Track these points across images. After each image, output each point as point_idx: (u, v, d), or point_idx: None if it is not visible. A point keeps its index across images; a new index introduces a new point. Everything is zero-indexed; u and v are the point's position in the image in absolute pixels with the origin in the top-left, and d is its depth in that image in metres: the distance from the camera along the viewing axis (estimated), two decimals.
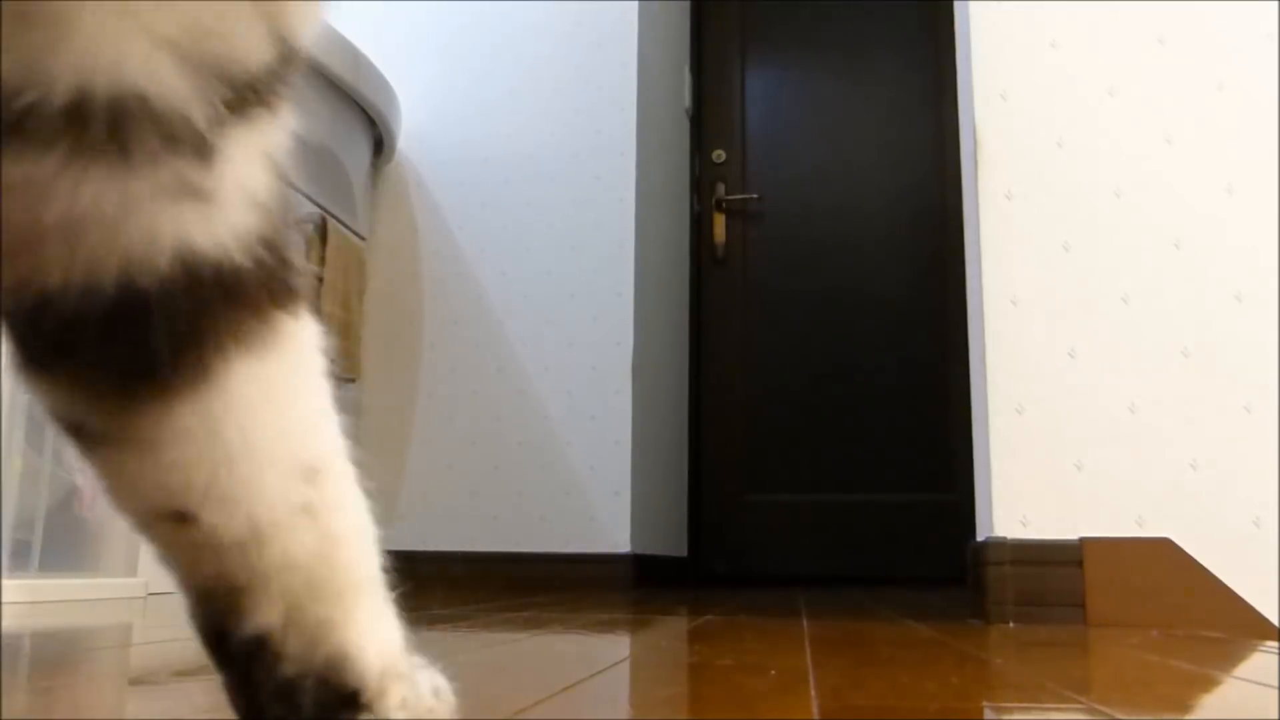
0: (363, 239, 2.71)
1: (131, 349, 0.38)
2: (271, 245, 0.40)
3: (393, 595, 0.46)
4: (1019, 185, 1.71)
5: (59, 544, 1.79)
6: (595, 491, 2.60)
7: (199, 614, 0.43)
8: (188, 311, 0.38)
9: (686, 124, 3.56)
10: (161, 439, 0.39)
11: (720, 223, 3.57)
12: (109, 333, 0.38)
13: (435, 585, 2.44)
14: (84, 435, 0.40)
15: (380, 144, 2.82)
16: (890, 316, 3.45)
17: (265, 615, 0.42)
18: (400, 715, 0.43)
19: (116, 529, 1.94)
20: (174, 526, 0.41)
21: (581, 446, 2.63)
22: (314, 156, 2.37)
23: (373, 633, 0.43)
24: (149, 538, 0.42)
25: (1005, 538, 1.59)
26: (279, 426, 0.41)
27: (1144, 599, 1.52)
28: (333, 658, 0.42)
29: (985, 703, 0.75)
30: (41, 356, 0.39)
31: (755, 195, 3.56)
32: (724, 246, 3.56)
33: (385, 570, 0.45)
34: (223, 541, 0.40)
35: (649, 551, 2.75)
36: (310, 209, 2.36)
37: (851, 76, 3.63)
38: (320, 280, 2.37)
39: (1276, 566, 1.51)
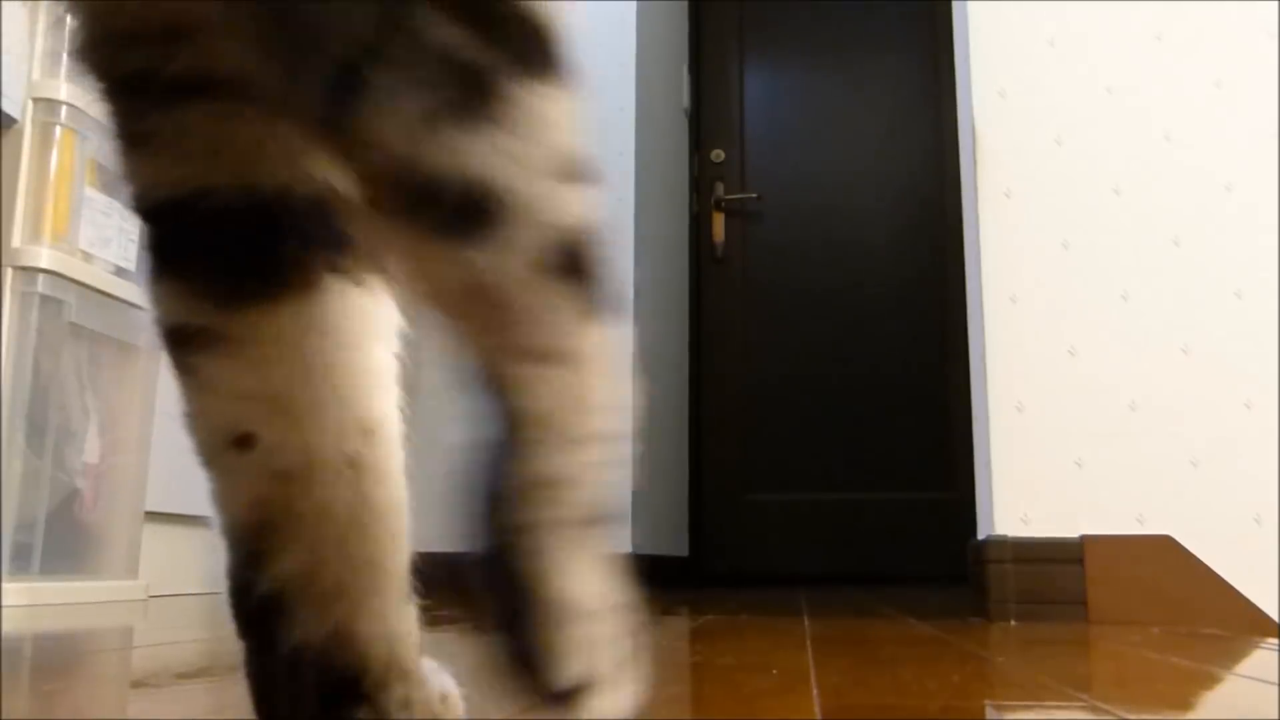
0: None
1: (257, 251, 0.42)
2: None
3: (418, 600, 0.46)
4: (1018, 183, 1.71)
5: (60, 547, 1.79)
6: None
7: (232, 560, 0.44)
8: (318, 228, 0.42)
9: (685, 123, 3.56)
10: (254, 338, 0.42)
11: (719, 222, 3.57)
12: (244, 232, 0.42)
13: (436, 585, 2.44)
14: (182, 339, 0.43)
15: None
16: (890, 315, 3.44)
17: (289, 562, 0.42)
18: (400, 715, 0.42)
19: (117, 531, 1.94)
20: (236, 453, 0.43)
21: None
22: None
23: (384, 621, 0.43)
24: (210, 469, 0.44)
25: (1006, 536, 1.59)
26: (355, 359, 0.44)
27: (1145, 596, 1.52)
28: (339, 633, 0.42)
29: (987, 701, 0.75)
30: (174, 258, 0.43)
31: (754, 195, 3.56)
32: (723, 246, 3.56)
33: (414, 571, 0.46)
34: (275, 468, 0.42)
35: (650, 551, 2.75)
36: None
37: (851, 76, 3.63)
38: None
39: (1277, 563, 1.51)
